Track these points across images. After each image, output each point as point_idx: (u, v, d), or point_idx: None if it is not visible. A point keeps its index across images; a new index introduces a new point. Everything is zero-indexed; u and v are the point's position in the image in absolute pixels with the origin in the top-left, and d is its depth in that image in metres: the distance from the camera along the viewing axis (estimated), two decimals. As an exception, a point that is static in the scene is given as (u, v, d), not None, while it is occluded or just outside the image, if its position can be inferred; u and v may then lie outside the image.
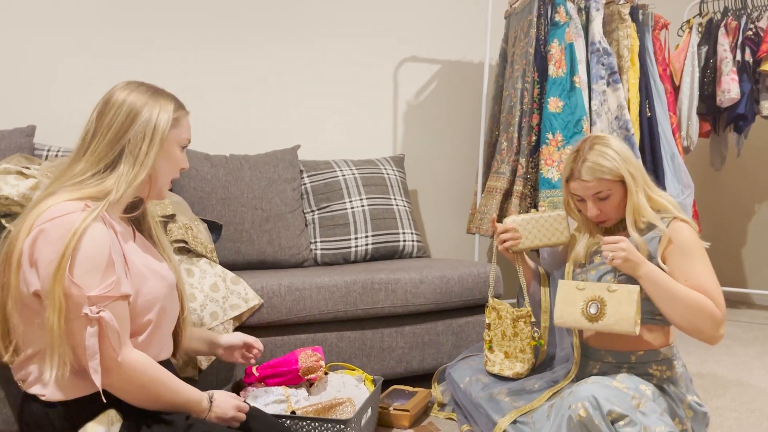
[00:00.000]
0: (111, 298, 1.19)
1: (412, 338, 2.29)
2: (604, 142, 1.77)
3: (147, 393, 1.25)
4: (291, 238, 2.60)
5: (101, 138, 1.27)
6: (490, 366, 1.98)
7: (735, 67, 3.33)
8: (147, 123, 1.28)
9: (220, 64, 2.96)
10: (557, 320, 1.76)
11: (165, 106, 1.32)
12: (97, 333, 1.16)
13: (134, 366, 1.22)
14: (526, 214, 1.93)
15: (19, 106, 2.57)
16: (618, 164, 1.73)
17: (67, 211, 1.19)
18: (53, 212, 1.19)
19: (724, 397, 2.29)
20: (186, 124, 1.38)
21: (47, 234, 1.17)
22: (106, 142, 1.27)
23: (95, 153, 1.27)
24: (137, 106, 1.29)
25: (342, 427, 1.61)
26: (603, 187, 1.74)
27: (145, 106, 1.29)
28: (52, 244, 1.16)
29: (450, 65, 3.51)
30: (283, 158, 2.72)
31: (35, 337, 1.23)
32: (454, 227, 3.53)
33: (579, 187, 1.77)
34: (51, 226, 1.18)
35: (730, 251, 4.33)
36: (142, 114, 1.28)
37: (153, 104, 1.30)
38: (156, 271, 1.34)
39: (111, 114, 1.28)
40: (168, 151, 1.33)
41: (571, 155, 1.81)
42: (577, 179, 1.76)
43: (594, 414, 1.51)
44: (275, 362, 1.83)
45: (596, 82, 2.93)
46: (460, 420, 2.00)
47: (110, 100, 1.30)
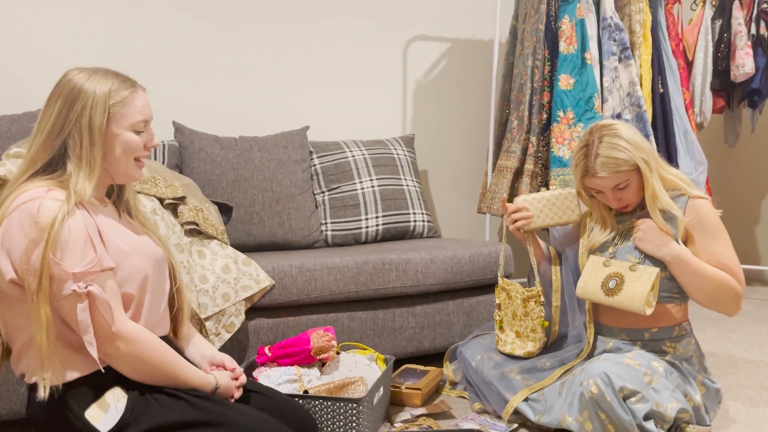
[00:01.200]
0: (95, 272, 1.20)
1: (424, 318, 2.30)
2: (613, 131, 1.73)
3: (147, 365, 1.25)
4: (301, 219, 2.60)
5: (48, 124, 1.24)
6: (502, 345, 1.99)
7: (749, 41, 3.27)
8: (82, 113, 1.22)
9: (228, 47, 2.94)
10: (578, 291, 1.80)
11: (99, 94, 1.23)
12: (87, 307, 1.17)
13: (129, 336, 1.22)
14: (537, 193, 1.92)
15: (28, 89, 2.58)
16: (631, 153, 1.70)
17: (31, 197, 1.18)
18: (20, 199, 1.19)
19: (738, 374, 2.28)
20: (137, 103, 1.29)
21: (14, 221, 1.18)
22: (50, 130, 1.23)
23: (46, 141, 1.24)
24: (72, 95, 1.23)
25: (354, 405, 1.62)
26: (620, 179, 1.72)
27: (79, 94, 1.23)
28: (19, 230, 1.16)
29: (459, 43, 3.48)
30: (292, 139, 2.71)
31: (22, 327, 1.23)
32: (464, 207, 3.52)
33: (596, 184, 1.75)
34: (17, 213, 1.18)
35: (744, 228, 4.29)
36: (76, 104, 1.22)
37: (86, 92, 1.23)
38: (136, 247, 1.32)
39: (51, 103, 1.24)
40: (120, 135, 1.27)
41: (580, 151, 1.76)
42: (593, 176, 1.73)
43: (606, 390, 1.52)
44: (287, 342, 1.84)
45: (608, 58, 2.89)
46: (472, 398, 2.01)
47: (53, 90, 1.26)
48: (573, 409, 1.60)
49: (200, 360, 1.47)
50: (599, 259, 1.79)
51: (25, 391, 1.75)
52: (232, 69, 2.96)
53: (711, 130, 4.08)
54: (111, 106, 1.25)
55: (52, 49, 2.62)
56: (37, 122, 1.26)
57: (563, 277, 1.96)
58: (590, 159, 1.73)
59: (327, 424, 1.64)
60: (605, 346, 1.83)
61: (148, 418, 1.23)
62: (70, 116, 1.23)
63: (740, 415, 1.90)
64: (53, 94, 1.26)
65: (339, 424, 1.64)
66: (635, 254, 1.76)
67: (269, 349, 1.85)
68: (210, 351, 1.50)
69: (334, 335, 1.84)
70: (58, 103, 1.24)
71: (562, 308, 1.97)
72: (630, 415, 1.51)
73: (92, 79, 1.25)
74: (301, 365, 1.83)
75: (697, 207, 1.74)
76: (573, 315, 1.96)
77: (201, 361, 1.47)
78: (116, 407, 1.23)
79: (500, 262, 2.13)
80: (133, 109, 1.28)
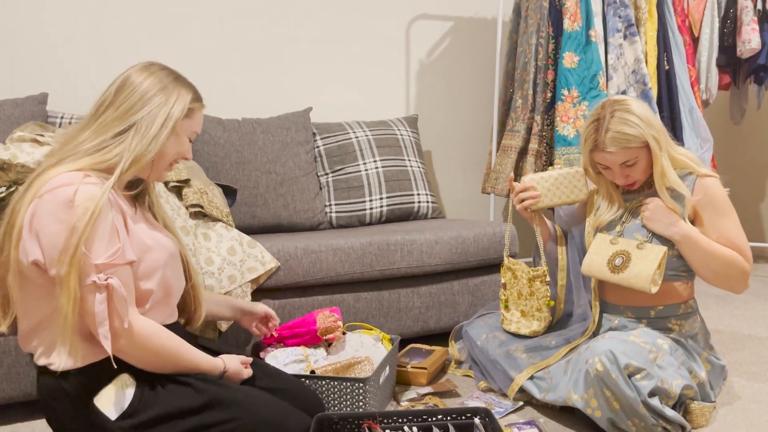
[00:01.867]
0: (117, 265, 1.20)
1: (429, 298, 2.30)
2: (625, 107, 1.71)
3: (157, 358, 1.26)
4: (306, 201, 2.60)
5: (113, 110, 1.27)
6: (507, 324, 1.99)
7: (756, 17, 3.23)
8: (162, 106, 1.29)
9: (230, 29, 2.92)
10: (584, 268, 1.80)
11: (183, 96, 1.33)
12: (105, 300, 1.17)
13: (142, 331, 1.23)
14: (544, 172, 1.90)
15: (31, 73, 2.57)
16: (642, 130, 1.68)
17: (67, 181, 1.19)
18: (54, 183, 1.19)
19: (743, 351, 2.28)
20: (199, 117, 1.38)
21: (47, 204, 1.18)
22: (117, 115, 1.27)
23: (104, 124, 1.27)
24: (156, 88, 1.30)
25: (361, 385, 1.64)
26: (629, 156, 1.70)
27: (164, 90, 1.30)
28: (51, 214, 1.17)
29: (463, 22, 3.44)
30: (295, 121, 2.70)
31: (37, 308, 1.23)
32: (468, 187, 3.52)
33: (605, 159, 1.74)
34: (51, 196, 1.18)
35: (749, 206, 4.27)
36: (158, 97, 1.29)
37: (172, 90, 1.31)
38: (158, 240, 1.34)
39: (128, 90, 1.29)
40: (178, 138, 1.34)
41: (591, 125, 1.75)
42: (602, 151, 1.72)
43: (611, 368, 1.52)
44: (294, 323, 1.85)
45: (612, 35, 2.86)
46: (477, 377, 2.02)
47: (131, 77, 1.30)
48: (578, 386, 1.61)
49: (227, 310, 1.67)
50: (606, 237, 1.79)
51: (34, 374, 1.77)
52: (235, 51, 2.94)
53: (717, 107, 4.05)
54: (189, 109, 1.34)
55: (55, 33, 2.61)
56: (108, 103, 1.29)
57: (569, 256, 1.96)
58: (600, 133, 1.71)
59: (334, 403, 1.66)
60: (611, 324, 1.83)
61: (156, 406, 1.24)
62: (148, 108, 1.28)
63: (745, 391, 1.91)
64: (132, 80, 1.30)
65: (346, 403, 1.65)
66: (643, 233, 1.76)
67: (275, 330, 1.86)
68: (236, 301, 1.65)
69: (340, 316, 1.85)
70: (138, 91, 1.28)
71: (568, 287, 1.97)
72: (635, 392, 1.52)
73: (178, 82, 1.34)
74: (308, 346, 1.84)
75: (705, 186, 1.74)
76: (578, 293, 1.96)
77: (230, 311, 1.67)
78: (125, 394, 1.24)
79: (506, 242, 2.13)
80: (196, 121, 1.38)
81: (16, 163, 1.77)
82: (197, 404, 1.26)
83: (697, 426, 1.66)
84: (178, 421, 1.25)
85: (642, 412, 1.52)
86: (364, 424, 1.36)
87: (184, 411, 1.25)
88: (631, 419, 1.54)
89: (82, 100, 2.64)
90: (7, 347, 1.73)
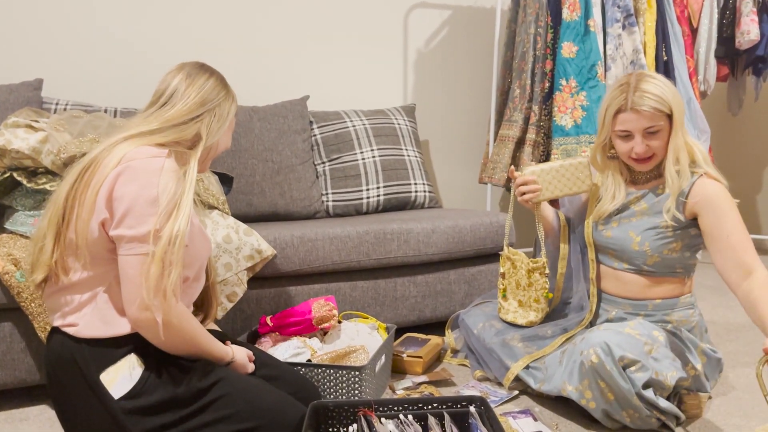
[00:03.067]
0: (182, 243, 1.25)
1: (425, 287, 2.30)
2: (652, 74, 1.70)
3: (178, 337, 1.27)
4: (302, 189, 2.59)
5: (184, 102, 1.36)
6: (504, 313, 1.99)
7: (755, 8, 3.22)
8: (226, 101, 1.43)
9: (227, 16, 2.90)
10: None
11: (235, 97, 1.47)
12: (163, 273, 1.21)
13: (180, 308, 1.26)
14: (545, 164, 1.89)
15: (26, 59, 2.55)
16: (669, 96, 1.66)
17: (155, 153, 1.27)
18: (140, 153, 1.26)
19: (737, 341, 2.29)
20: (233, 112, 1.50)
21: (133, 171, 1.23)
22: (190, 105, 1.36)
23: (175, 112, 1.35)
24: (221, 86, 1.43)
25: (357, 373, 1.64)
26: (655, 120, 1.66)
27: (226, 89, 1.44)
28: (136, 182, 1.22)
29: (461, 11, 3.43)
30: (292, 109, 2.69)
31: (88, 267, 1.26)
32: (465, 177, 3.51)
33: (631, 119, 1.67)
34: (139, 164, 1.24)
35: (746, 197, 4.28)
36: (223, 93, 1.43)
37: (230, 90, 1.45)
38: (204, 234, 1.42)
39: (200, 82, 1.39)
40: (228, 132, 1.48)
41: (617, 89, 1.71)
42: (630, 110, 1.66)
43: (606, 360, 1.53)
44: (289, 312, 1.85)
45: (611, 25, 2.85)
46: (473, 366, 2.02)
47: (194, 74, 1.40)
48: (573, 377, 1.61)
49: None
50: None
51: (29, 360, 1.76)
52: (231, 38, 2.92)
53: (715, 98, 4.04)
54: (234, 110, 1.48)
55: (50, 19, 2.59)
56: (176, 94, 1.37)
57: (570, 246, 1.95)
58: (629, 94, 1.67)
59: (330, 392, 1.66)
60: (608, 315, 1.84)
61: (159, 391, 1.25)
62: (218, 100, 1.41)
63: (739, 381, 1.92)
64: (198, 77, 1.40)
65: (342, 392, 1.65)
66: (637, 230, 1.76)
67: (270, 319, 1.86)
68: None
69: (335, 305, 1.85)
70: (208, 87, 1.40)
71: (567, 274, 1.96)
72: (629, 384, 1.52)
73: (228, 85, 1.47)
74: (302, 335, 1.84)
75: (706, 186, 1.68)
76: (577, 283, 1.96)
77: None
78: (131, 375, 1.25)
79: (505, 231, 2.12)
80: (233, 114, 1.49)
81: (10, 149, 1.76)
82: (197, 392, 1.27)
83: (691, 416, 1.67)
84: (179, 408, 1.25)
85: (636, 403, 1.52)
86: (360, 412, 1.36)
87: (185, 398, 1.26)
88: (625, 410, 1.55)
89: (77, 86, 2.63)
90: (2, 333, 1.72)
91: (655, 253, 1.73)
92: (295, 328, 1.84)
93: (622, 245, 1.78)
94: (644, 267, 1.76)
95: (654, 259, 1.74)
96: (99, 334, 1.25)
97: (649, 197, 1.77)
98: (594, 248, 1.87)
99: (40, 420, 1.70)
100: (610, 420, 1.59)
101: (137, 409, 1.23)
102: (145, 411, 1.24)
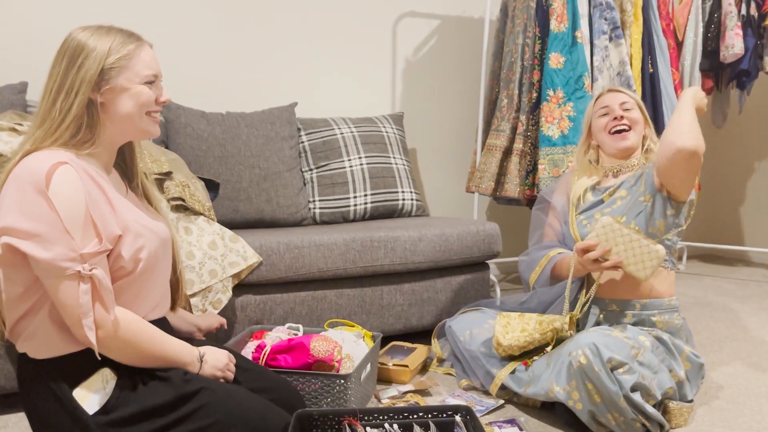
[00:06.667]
0: (101, 253, 1.18)
1: (411, 295, 2.30)
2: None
3: (136, 350, 1.23)
4: (289, 196, 2.58)
5: (48, 95, 1.25)
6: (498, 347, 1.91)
7: (740, 22, 3.26)
8: (84, 74, 1.23)
9: (215, 21, 2.89)
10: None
11: (100, 51, 1.24)
12: (90, 291, 1.15)
13: (122, 323, 1.21)
14: (623, 228, 1.71)
15: (10, 62, 2.52)
16: (637, 97, 2.03)
17: (36, 160, 1.17)
18: (23, 164, 1.18)
19: (720, 352, 2.31)
20: (144, 57, 1.29)
21: (15, 185, 1.16)
22: (52, 99, 1.24)
23: (47, 110, 1.25)
24: (74, 54, 1.25)
25: (342, 382, 1.63)
26: (628, 99, 1.98)
27: (81, 55, 1.24)
28: (20, 194, 1.15)
29: (450, 20, 3.44)
30: (280, 116, 2.68)
31: (22, 295, 1.21)
32: (453, 186, 3.52)
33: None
34: (20, 171, 1.17)
35: (729, 209, 4.32)
36: (79, 65, 1.23)
37: (88, 51, 1.24)
38: (146, 227, 1.30)
39: (56, 66, 1.26)
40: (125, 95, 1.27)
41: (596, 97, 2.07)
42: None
43: (594, 361, 1.53)
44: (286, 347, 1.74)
45: (598, 37, 2.88)
46: (459, 374, 2.02)
47: (58, 50, 1.27)
48: (561, 378, 1.62)
49: (186, 326, 1.58)
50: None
51: (8, 367, 1.73)
52: (220, 44, 2.91)
53: (699, 111, 4.08)
54: (117, 60, 1.25)
55: (35, 21, 2.57)
56: (45, 84, 1.26)
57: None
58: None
59: (314, 400, 1.65)
60: (596, 319, 1.85)
61: (135, 403, 1.22)
62: (77, 73, 1.23)
63: (722, 392, 1.93)
64: (59, 54, 1.26)
65: (327, 400, 1.64)
66: (620, 212, 1.85)
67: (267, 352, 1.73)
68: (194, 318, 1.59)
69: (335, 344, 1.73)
70: (63, 63, 1.24)
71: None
72: (617, 386, 1.53)
73: (95, 36, 1.26)
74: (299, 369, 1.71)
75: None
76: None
77: (188, 328, 1.58)
78: (104, 389, 1.22)
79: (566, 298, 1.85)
80: (140, 63, 1.28)
81: (-7, 152, 1.74)
82: (176, 401, 1.24)
83: (675, 426, 1.68)
84: (156, 418, 1.22)
85: (622, 405, 1.53)
86: (345, 421, 1.35)
87: (163, 408, 1.23)
88: (611, 413, 1.55)
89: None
90: (-19, 340, 1.70)
91: (641, 231, 1.78)
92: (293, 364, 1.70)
93: None
94: None
95: None
96: (56, 353, 1.21)
97: (627, 182, 1.92)
98: None
99: (19, 428, 1.67)
100: (596, 423, 1.60)
101: (114, 422, 1.20)
102: (121, 423, 1.20)
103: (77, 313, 1.15)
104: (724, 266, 4.05)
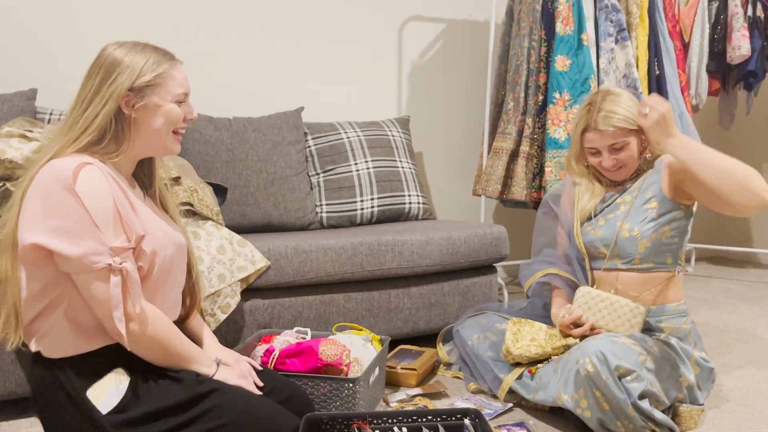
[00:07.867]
0: (129, 249, 1.21)
1: (419, 299, 2.30)
2: (617, 92, 1.80)
3: (162, 345, 1.26)
4: (296, 201, 2.59)
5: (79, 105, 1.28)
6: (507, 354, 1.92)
7: (746, 23, 3.26)
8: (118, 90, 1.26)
9: (222, 27, 2.91)
10: None
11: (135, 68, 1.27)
12: (120, 283, 1.18)
13: (149, 316, 1.24)
14: (602, 293, 1.77)
15: (20, 69, 2.54)
16: (633, 111, 1.74)
17: (64, 164, 1.20)
18: (50, 166, 1.20)
19: (730, 354, 2.30)
20: (176, 76, 1.32)
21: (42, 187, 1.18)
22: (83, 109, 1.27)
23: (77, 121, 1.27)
24: (110, 70, 1.27)
25: (351, 385, 1.63)
26: (619, 138, 1.75)
27: (115, 71, 1.27)
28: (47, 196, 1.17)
29: (455, 24, 3.45)
30: (287, 120, 2.69)
31: (39, 293, 1.22)
32: (459, 189, 3.52)
33: (595, 138, 1.78)
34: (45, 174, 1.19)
35: (737, 211, 4.30)
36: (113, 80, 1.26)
37: (124, 67, 1.27)
38: (164, 231, 1.33)
39: (90, 78, 1.29)
40: (157, 113, 1.30)
41: (584, 108, 1.81)
42: (593, 129, 1.77)
43: (602, 369, 1.53)
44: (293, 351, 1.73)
45: (604, 39, 2.88)
46: (467, 378, 2.02)
47: (93, 63, 1.30)
48: (568, 386, 1.61)
49: None
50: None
51: (19, 372, 1.75)
52: (226, 49, 2.93)
53: (706, 112, 4.08)
54: (152, 78, 1.28)
55: (44, 28, 2.59)
56: (77, 94, 1.29)
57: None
58: (592, 113, 1.77)
59: (323, 404, 1.65)
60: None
61: (147, 402, 1.23)
62: (109, 87, 1.26)
63: (732, 393, 1.92)
64: (93, 67, 1.29)
65: (336, 404, 1.64)
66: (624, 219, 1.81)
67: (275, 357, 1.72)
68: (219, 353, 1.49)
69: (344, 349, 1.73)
70: (98, 77, 1.27)
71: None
72: (625, 394, 1.52)
73: (131, 53, 1.28)
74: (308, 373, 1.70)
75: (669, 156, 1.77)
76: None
77: None
78: (118, 389, 1.23)
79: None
80: (173, 82, 1.31)
81: (3, 159, 1.76)
82: (187, 402, 1.25)
83: (686, 429, 1.67)
84: (169, 418, 1.24)
85: (631, 413, 1.52)
86: (354, 425, 1.35)
87: (175, 408, 1.24)
88: (620, 420, 1.54)
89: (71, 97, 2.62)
90: (-7, 345, 1.71)
91: (645, 236, 1.77)
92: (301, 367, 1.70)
93: (612, 238, 1.80)
94: (636, 256, 1.78)
95: (645, 245, 1.77)
96: (72, 352, 1.23)
97: (631, 189, 1.85)
98: (587, 255, 1.88)
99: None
100: (605, 430, 1.59)
101: (126, 422, 1.21)
102: (134, 423, 1.22)
103: (108, 306, 1.17)
104: (733, 268, 4.03)
